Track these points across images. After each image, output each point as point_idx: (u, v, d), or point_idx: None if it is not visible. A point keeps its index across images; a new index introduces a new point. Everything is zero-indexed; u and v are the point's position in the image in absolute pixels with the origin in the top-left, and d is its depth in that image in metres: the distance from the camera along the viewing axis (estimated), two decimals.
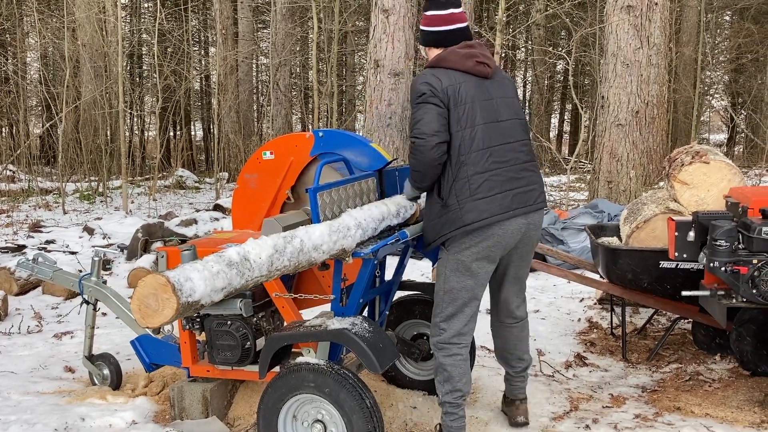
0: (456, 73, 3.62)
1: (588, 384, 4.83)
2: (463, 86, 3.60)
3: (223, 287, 2.95)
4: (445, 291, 3.71)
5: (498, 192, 3.58)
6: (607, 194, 10.04)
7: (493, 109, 3.66)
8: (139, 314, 2.80)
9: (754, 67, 20.76)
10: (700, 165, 4.99)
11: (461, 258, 3.64)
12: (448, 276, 3.69)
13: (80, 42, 16.32)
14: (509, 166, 3.65)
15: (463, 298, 3.69)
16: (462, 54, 3.66)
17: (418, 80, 3.65)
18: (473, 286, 3.69)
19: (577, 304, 6.68)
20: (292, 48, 18.48)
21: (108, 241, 9.72)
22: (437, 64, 3.67)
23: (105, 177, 15.23)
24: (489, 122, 3.61)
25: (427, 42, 3.82)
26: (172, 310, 2.76)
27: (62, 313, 6.72)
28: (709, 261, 4.08)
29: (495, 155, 3.61)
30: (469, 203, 3.55)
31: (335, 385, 3.43)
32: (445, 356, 3.73)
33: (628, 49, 9.90)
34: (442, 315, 3.73)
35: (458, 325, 3.72)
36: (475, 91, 3.63)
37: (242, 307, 3.67)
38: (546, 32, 21.94)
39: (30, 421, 4.24)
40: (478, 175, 3.56)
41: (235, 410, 4.37)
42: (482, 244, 3.61)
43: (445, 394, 3.74)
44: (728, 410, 4.32)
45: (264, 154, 4.57)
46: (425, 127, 3.52)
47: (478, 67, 3.66)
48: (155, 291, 2.77)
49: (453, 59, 3.65)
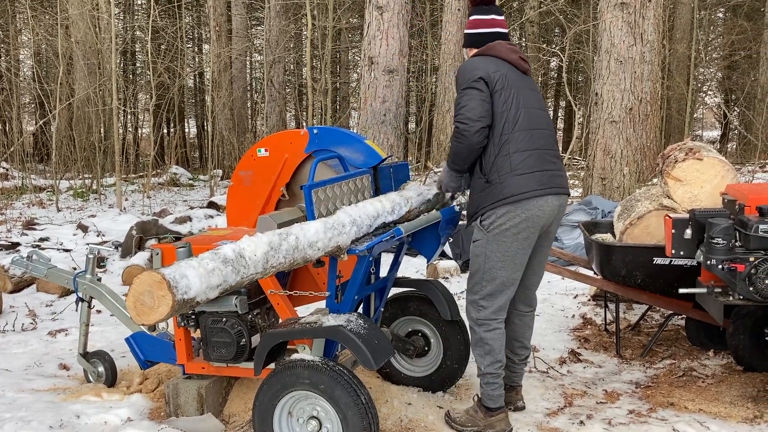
0: (501, 62, 3.87)
1: (582, 380, 4.85)
2: (508, 73, 3.84)
3: (219, 284, 2.95)
4: (484, 270, 3.87)
5: (537, 170, 3.79)
6: (600, 191, 10.06)
7: (531, 98, 3.91)
8: (135, 311, 2.80)
9: (747, 64, 20.80)
10: (694, 162, 5.01)
11: (502, 239, 3.80)
12: (489, 256, 3.85)
13: (73, 39, 16.27)
14: (545, 150, 3.88)
15: (502, 277, 3.86)
16: (507, 47, 3.94)
17: (467, 67, 3.87)
18: (513, 266, 3.86)
19: (571, 301, 6.70)
20: (286, 45, 18.46)
21: (102, 238, 9.71)
22: (485, 51, 3.92)
23: (99, 174, 15.20)
24: (529, 108, 3.85)
25: (469, 43, 4.06)
26: (167, 307, 2.76)
27: (57, 311, 6.70)
28: (707, 258, 4.09)
29: (535, 137, 3.84)
30: (509, 178, 3.75)
31: (330, 382, 3.44)
32: (486, 331, 3.92)
33: (621, 46, 9.91)
34: (482, 293, 3.90)
35: (499, 302, 3.91)
36: (517, 80, 3.87)
37: (237, 304, 3.67)
38: (540, 29, 21.95)
39: (25, 418, 4.24)
40: (519, 153, 3.77)
41: (230, 407, 4.37)
42: (520, 221, 3.77)
43: (487, 365, 3.92)
44: (722, 405, 4.35)
45: (259, 151, 4.57)
46: (470, 112, 3.73)
47: (520, 61, 3.94)
48: (151, 288, 2.77)
49: (500, 49, 3.91)
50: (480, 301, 3.93)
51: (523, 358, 4.27)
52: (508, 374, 4.22)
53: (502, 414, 3.97)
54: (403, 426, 4.15)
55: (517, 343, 4.23)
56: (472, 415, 4.01)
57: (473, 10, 4.06)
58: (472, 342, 4.02)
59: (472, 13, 4.06)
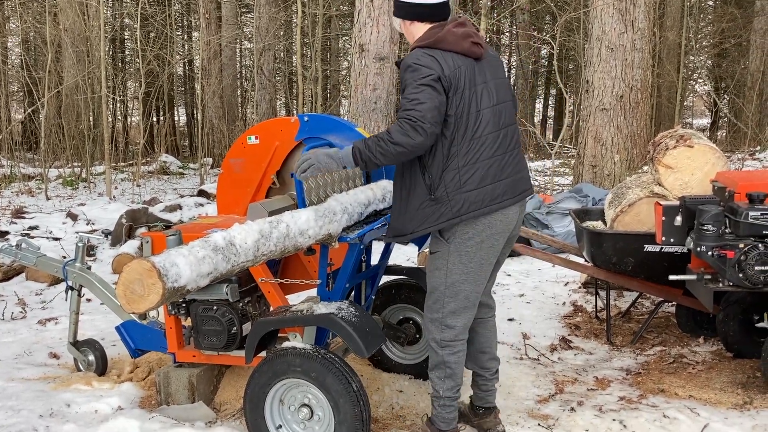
0: (454, 56, 3.37)
1: (573, 367, 4.86)
2: (461, 71, 3.36)
3: (209, 272, 2.94)
4: (447, 285, 3.51)
5: (490, 183, 3.41)
6: (591, 179, 10.08)
7: (489, 93, 3.45)
8: (125, 300, 2.79)
9: (737, 52, 20.83)
10: (685, 149, 5.01)
11: (465, 249, 3.46)
12: (451, 269, 3.49)
13: (62, 27, 16.15)
14: (502, 154, 3.46)
15: (466, 291, 3.53)
16: (459, 34, 3.40)
17: (421, 58, 3.33)
18: (477, 278, 3.53)
19: (561, 288, 6.71)
20: (276, 33, 18.38)
21: (92, 227, 9.68)
22: (434, 44, 3.38)
23: (88, 163, 15.13)
24: (482, 109, 3.41)
25: (413, 15, 3.52)
26: (158, 295, 2.75)
27: (46, 300, 6.68)
28: (696, 245, 4.11)
29: (487, 144, 3.41)
30: (458, 195, 3.37)
31: (322, 370, 3.44)
32: (450, 354, 3.58)
33: (612, 34, 9.91)
34: (445, 311, 3.55)
35: (463, 320, 3.58)
36: (473, 75, 3.41)
37: (228, 292, 3.67)
38: (531, 17, 21.92)
39: (15, 407, 4.23)
40: (469, 166, 3.38)
41: (221, 395, 4.37)
42: (486, 233, 3.45)
43: (447, 390, 3.62)
44: (712, 392, 4.37)
45: (249, 138, 4.55)
46: (429, 112, 3.24)
47: (473, 48, 3.42)
48: (141, 276, 2.76)
49: (451, 40, 3.38)
50: (444, 320, 3.55)
51: (494, 372, 3.89)
52: (481, 395, 3.91)
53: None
54: (395, 413, 4.16)
55: (485, 355, 3.86)
56: None
57: None
58: (432, 363, 3.64)
59: None
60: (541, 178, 13.91)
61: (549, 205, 8.22)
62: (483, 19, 13.17)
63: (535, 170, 15.14)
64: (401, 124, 3.26)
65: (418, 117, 3.23)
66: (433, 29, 3.45)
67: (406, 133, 3.24)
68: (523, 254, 5.57)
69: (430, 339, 3.64)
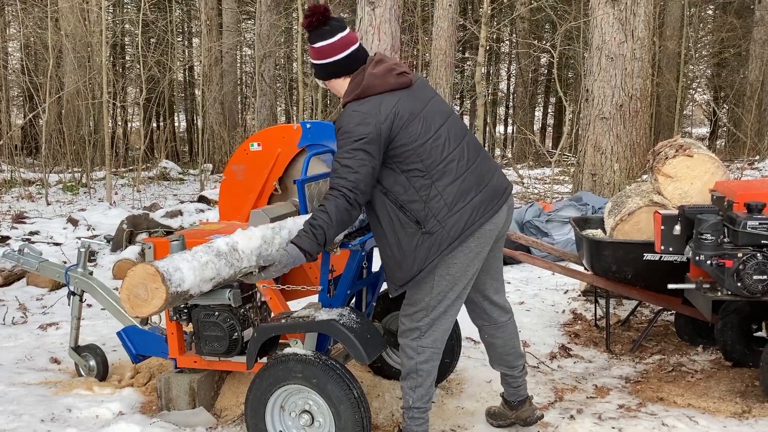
0: (385, 97, 3.36)
1: (572, 375, 4.88)
2: (399, 106, 3.35)
3: (212, 278, 2.96)
4: (432, 296, 3.49)
5: (475, 194, 3.42)
6: (591, 187, 10.11)
7: (432, 115, 3.45)
8: (129, 304, 2.81)
9: (736, 62, 20.89)
10: (684, 158, 5.03)
11: (453, 261, 3.45)
12: (438, 281, 3.46)
13: (63, 32, 16.19)
14: (473, 164, 3.47)
15: (451, 299, 3.52)
16: (380, 73, 3.40)
17: (353, 117, 3.31)
18: (463, 286, 3.53)
19: (561, 296, 6.72)
20: (276, 40, 18.43)
21: (92, 232, 9.70)
22: (362, 94, 3.37)
23: (88, 168, 15.15)
24: (438, 129, 3.41)
25: (329, 75, 3.53)
26: (161, 300, 2.77)
27: (47, 305, 6.69)
28: (695, 254, 4.13)
29: (458, 160, 3.41)
30: (450, 218, 3.36)
31: (323, 376, 3.45)
32: (423, 361, 3.56)
33: (612, 43, 9.95)
34: (426, 320, 3.53)
35: (443, 327, 3.58)
36: (412, 104, 3.40)
37: (231, 297, 3.68)
38: (530, 25, 21.99)
39: (16, 411, 4.25)
40: (450, 187, 3.36)
41: (221, 401, 4.38)
42: (474, 243, 3.45)
43: (416, 399, 3.59)
44: (710, 401, 4.38)
45: (251, 145, 4.58)
46: (362, 183, 3.25)
47: (401, 79, 3.42)
48: (144, 281, 2.78)
49: (376, 83, 3.38)
50: (423, 327, 3.54)
51: (521, 369, 3.94)
52: (512, 391, 3.97)
53: None
54: (395, 420, 4.17)
55: (510, 356, 3.90)
56: None
57: (312, 36, 3.48)
58: (404, 372, 3.62)
59: (314, 40, 3.48)
60: (540, 185, 13.95)
61: (549, 213, 8.24)
62: (483, 28, 13.24)
63: (535, 178, 15.18)
64: (337, 198, 3.24)
65: (352, 188, 3.23)
66: (355, 78, 3.45)
67: (342, 211, 3.25)
68: (523, 262, 5.59)
69: (405, 345, 3.60)
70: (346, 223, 3.31)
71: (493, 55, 24.52)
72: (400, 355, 3.66)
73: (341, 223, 3.28)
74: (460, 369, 4.75)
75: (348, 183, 3.24)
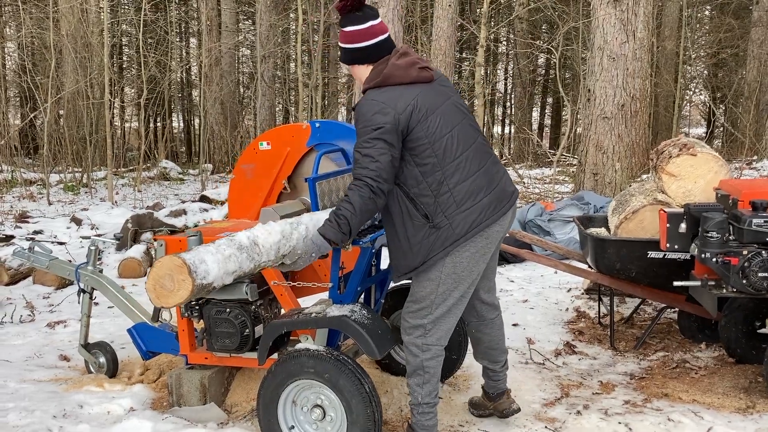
0: (405, 89, 3.42)
1: (578, 371, 4.93)
2: (419, 99, 3.41)
3: (235, 270, 3.02)
4: (437, 294, 3.54)
5: (485, 195, 3.47)
6: (592, 186, 10.15)
7: (450, 113, 3.51)
8: (154, 294, 2.87)
9: (734, 62, 20.96)
10: (688, 157, 5.08)
11: (459, 260, 3.50)
12: (444, 279, 3.52)
13: (63, 32, 16.20)
14: (485, 166, 3.53)
15: (455, 297, 3.57)
16: (403, 65, 3.45)
17: (373, 106, 3.36)
18: (467, 286, 3.58)
19: (564, 294, 6.77)
20: (276, 40, 18.46)
21: (96, 231, 9.72)
22: (383, 83, 3.43)
23: (89, 168, 15.17)
24: (454, 127, 3.47)
25: (353, 60, 3.58)
26: (186, 291, 2.84)
27: (54, 303, 6.73)
28: (701, 252, 4.17)
29: (473, 157, 3.48)
30: (458, 215, 3.42)
31: (335, 371, 3.49)
32: (429, 358, 3.61)
33: (614, 43, 10.00)
34: (431, 317, 3.58)
35: (447, 325, 3.63)
36: (431, 99, 3.46)
37: (248, 291, 3.73)
38: (528, 25, 22.04)
39: (28, 408, 4.28)
40: (461, 185, 3.42)
41: (231, 397, 4.42)
42: (482, 244, 3.51)
43: (425, 395, 3.64)
44: (715, 396, 4.42)
45: (261, 144, 4.63)
46: (383, 170, 3.30)
47: (423, 74, 3.49)
48: (171, 272, 2.84)
49: (398, 74, 3.43)
50: (427, 325, 3.59)
51: (503, 364, 4.05)
52: (492, 384, 4.07)
53: None
54: (404, 415, 4.21)
55: (495, 351, 3.99)
56: None
57: (344, 20, 3.53)
58: (410, 370, 3.66)
59: (345, 24, 3.53)
60: (540, 185, 14.00)
61: (551, 213, 8.29)
62: (483, 28, 13.28)
63: (534, 178, 15.22)
64: (361, 189, 3.31)
65: (375, 177, 3.29)
66: (378, 67, 3.50)
67: (367, 200, 3.31)
68: (529, 260, 5.64)
69: (409, 344, 3.64)
70: (371, 211, 3.37)
71: (491, 55, 24.57)
72: (405, 352, 3.70)
73: (365, 212, 3.34)
74: (467, 366, 4.79)
75: (370, 172, 3.30)
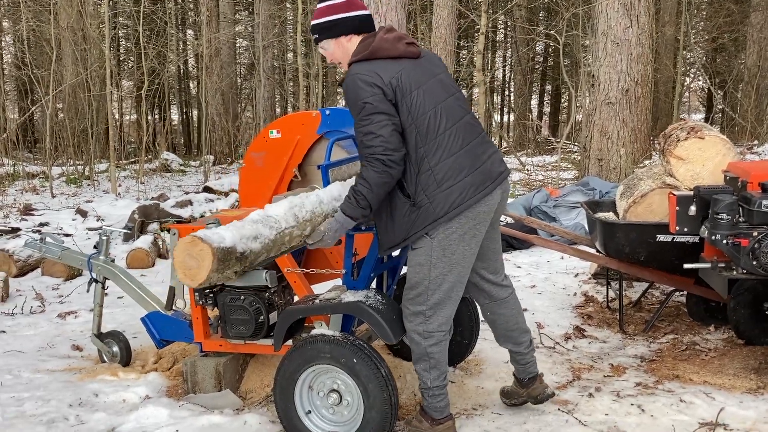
0: (391, 62, 3.42)
1: (588, 355, 4.96)
2: (403, 74, 3.40)
3: (255, 236, 3.16)
4: (431, 279, 3.53)
5: (468, 174, 3.44)
6: (597, 172, 10.17)
7: (434, 90, 3.49)
8: (188, 278, 2.99)
9: (733, 47, 20.94)
10: (696, 140, 5.10)
11: (448, 243, 3.48)
12: (434, 263, 3.51)
13: (62, 25, 16.16)
14: (472, 141, 3.51)
15: (450, 282, 3.56)
16: (391, 39, 3.46)
17: (357, 81, 3.36)
18: (461, 269, 3.57)
19: (572, 279, 6.80)
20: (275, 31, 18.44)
21: (102, 222, 9.74)
22: (370, 56, 3.43)
23: (92, 160, 15.18)
24: (438, 104, 3.46)
25: (347, 29, 3.56)
26: (210, 257, 2.95)
27: (63, 294, 6.75)
28: (711, 234, 4.19)
29: (457, 134, 3.47)
30: (438, 195, 3.40)
31: (351, 356, 3.52)
32: (432, 345, 3.60)
33: (618, 28, 10.01)
34: (429, 303, 3.57)
35: (446, 312, 3.61)
36: (417, 75, 3.45)
37: (268, 278, 3.75)
38: (527, 12, 22.01)
39: (44, 397, 4.31)
40: (442, 163, 3.40)
41: (246, 384, 4.45)
42: (468, 225, 3.48)
43: (433, 380, 3.64)
44: (725, 377, 4.46)
45: (271, 132, 4.64)
46: (387, 142, 3.31)
47: (409, 49, 3.49)
48: (188, 250, 2.95)
49: (386, 47, 3.43)
50: (426, 312, 3.57)
51: (528, 345, 3.98)
52: (521, 368, 4.01)
53: (450, 422, 3.72)
54: (417, 400, 4.23)
55: (515, 332, 3.95)
56: (417, 426, 3.73)
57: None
58: (415, 356, 3.66)
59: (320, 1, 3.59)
60: (542, 173, 14.01)
61: (556, 199, 8.31)
62: (483, 16, 13.28)
63: (537, 165, 15.24)
64: (373, 165, 3.33)
65: (382, 152, 3.31)
66: (365, 40, 3.52)
67: (381, 173, 3.33)
68: (540, 245, 5.66)
69: (411, 331, 3.64)
70: (388, 183, 3.37)
71: (490, 43, 24.54)
72: (409, 340, 3.70)
73: (380, 185, 3.35)
74: (478, 350, 4.82)
75: (376, 148, 3.32)
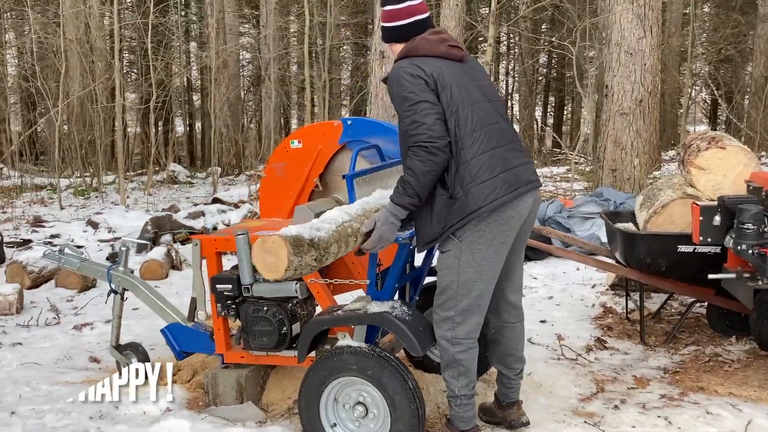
0: (433, 59, 3.50)
1: (610, 366, 4.91)
2: (444, 70, 3.47)
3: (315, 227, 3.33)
4: (459, 284, 3.52)
5: (501, 171, 3.45)
6: (611, 182, 10.13)
7: (473, 91, 3.54)
8: (272, 272, 3.17)
9: (740, 58, 20.94)
10: (717, 150, 5.07)
11: (477, 246, 3.46)
12: (463, 267, 3.49)
13: (69, 37, 16.19)
14: (505, 145, 3.53)
15: (479, 289, 3.54)
16: (433, 40, 3.56)
17: (401, 73, 3.45)
18: (490, 276, 3.55)
19: (589, 290, 6.75)
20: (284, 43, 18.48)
21: (113, 234, 9.72)
22: (410, 53, 3.54)
23: (100, 172, 15.18)
24: (474, 104, 3.49)
25: (390, 38, 3.70)
26: (283, 245, 3.11)
27: (78, 305, 6.71)
28: (737, 244, 4.16)
29: (491, 135, 3.49)
30: (473, 189, 3.40)
31: (377, 368, 3.48)
32: (460, 352, 3.58)
33: (632, 39, 10.00)
34: (457, 309, 3.55)
35: (475, 319, 3.60)
36: (457, 74, 3.51)
37: (298, 289, 3.72)
38: (532, 24, 22.05)
39: (64, 410, 4.28)
40: (477, 158, 3.41)
41: (267, 396, 4.40)
42: (497, 228, 3.46)
43: (461, 387, 3.62)
44: (751, 389, 4.42)
45: (292, 143, 4.62)
46: (431, 130, 3.34)
47: (452, 51, 3.57)
48: (262, 248, 3.15)
49: (426, 46, 3.53)
50: (456, 318, 3.56)
51: (518, 372, 3.95)
52: (505, 391, 3.97)
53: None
54: (441, 412, 4.20)
55: (511, 357, 3.91)
56: None
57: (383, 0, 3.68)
58: (444, 363, 3.64)
59: (384, 3, 3.67)
60: (551, 183, 13.98)
61: (570, 209, 8.27)
62: (491, 27, 13.27)
63: (544, 176, 15.20)
64: (417, 154, 3.35)
65: (426, 139, 3.33)
66: (410, 43, 3.59)
67: (426, 161, 3.34)
68: (560, 256, 5.63)
69: (440, 337, 3.63)
70: (434, 171, 3.37)
71: (495, 55, 24.58)
72: (438, 347, 3.68)
73: (426, 173, 3.35)
74: None
75: (420, 136, 3.34)
